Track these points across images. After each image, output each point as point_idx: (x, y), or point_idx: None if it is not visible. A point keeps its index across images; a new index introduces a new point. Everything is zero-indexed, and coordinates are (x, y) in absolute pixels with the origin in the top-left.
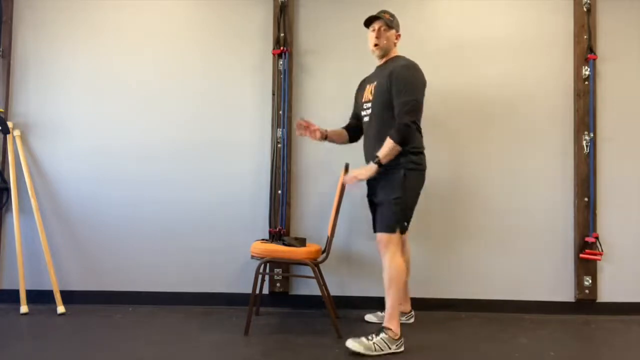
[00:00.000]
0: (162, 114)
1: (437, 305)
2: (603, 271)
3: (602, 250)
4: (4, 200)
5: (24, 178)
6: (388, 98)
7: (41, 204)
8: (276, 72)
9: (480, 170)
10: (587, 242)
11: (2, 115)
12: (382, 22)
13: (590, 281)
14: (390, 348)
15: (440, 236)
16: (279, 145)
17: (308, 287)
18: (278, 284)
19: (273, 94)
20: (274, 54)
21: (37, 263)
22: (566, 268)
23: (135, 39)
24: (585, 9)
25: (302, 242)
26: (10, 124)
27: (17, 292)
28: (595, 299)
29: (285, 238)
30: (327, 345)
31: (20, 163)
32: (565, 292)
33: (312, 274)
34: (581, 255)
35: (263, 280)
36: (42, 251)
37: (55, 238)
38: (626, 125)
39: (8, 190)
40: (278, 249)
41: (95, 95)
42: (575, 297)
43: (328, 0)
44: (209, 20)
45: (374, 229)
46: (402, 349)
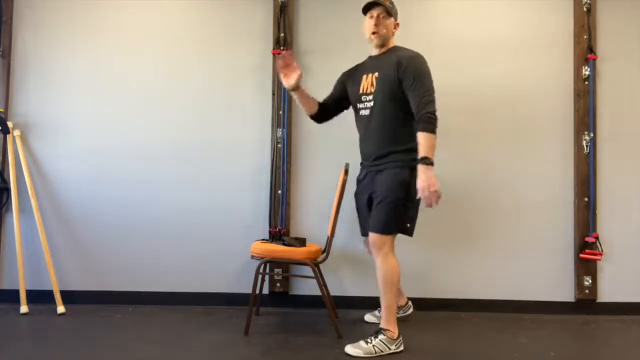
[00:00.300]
0: (162, 114)
1: (437, 305)
2: (603, 271)
3: (602, 250)
4: (4, 200)
5: (24, 178)
6: (395, 89)
7: (41, 204)
8: (276, 72)
9: (479, 170)
10: (587, 242)
11: (2, 115)
12: (382, 8)
13: (590, 281)
14: (390, 348)
15: (440, 236)
16: (279, 145)
17: (308, 287)
18: (278, 284)
19: (273, 94)
20: (274, 54)
21: (37, 263)
22: (566, 268)
23: (135, 39)
24: (585, 9)
25: (302, 242)
26: (10, 124)
27: (17, 292)
28: (595, 299)
29: (285, 238)
30: (327, 345)
31: (20, 163)
32: (565, 292)
33: (312, 274)
34: (581, 255)
35: (263, 280)
36: (42, 251)
37: (55, 238)
38: (626, 125)
39: (8, 190)
40: (278, 249)
41: (95, 95)
42: (575, 297)
43: (328, 0)
44: (209, 20)
45: (362, 231)
46: (402, 348)
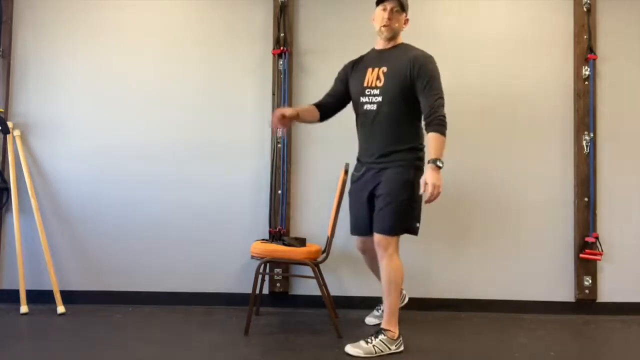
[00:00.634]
0: (162, 114)
1: (437, 305)
2: (603, 271)
3: (602, 250)
4: (4, 200)
5: (24, 178)
6: (407, 87)
7: (41, 204)
8: (276, 72)
9: (479, 170)
10: (587, 242)
11: (2, 115)
12: (396, 2)
13: (590, 281)
14: (390, 348)
15: (440, 236)
16: (279, 145)
17: (308, 287)
18: (278, 284)
19: (273, 94)
20: (274, 54)
21: (37, 263)
22: (566, 268)
23: (135, 39)
24: (585, 9)
25: (302, 242)
26: (10, 124)
27: (17, 292)
28: (595, 299)
29: (285, 238)
30: (327, 345)
31: (20, 163)
32: (565, 292)
33: (312, 274)
34: (581, 255)
35: (263, 280)
36: (42, 251)
37: (55, 238)
38: (626, 125)
39: (8, 190)
40: (278, 249)
41: (95, 95)
42: (575, 297)
43: (328, 0)
44: (209, 20)
45: (353, 230)
46: (402, 348)
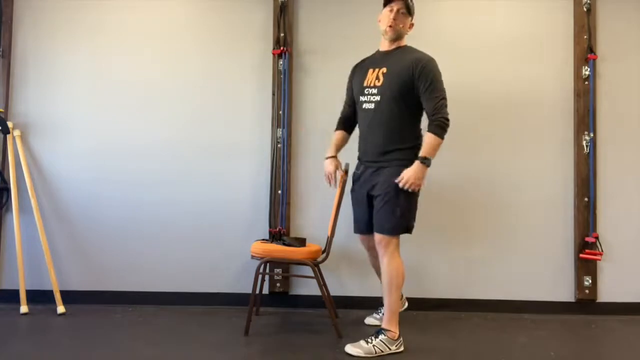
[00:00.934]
0: (162, 114)
1: (436, 305)
2: (603, 271)
3: (602, 250)
4: (4, 200)
5: (24, 178)
6: (407, 89)
7: (41, 204)
8: (276, 72)
9: (479, 170)
10: (587, 242)
11: (2, 115)
12: (402, 4)
13: (590, 281)
14: (390, 349)
15: (439, 236)
16: (279, 145)
17: (308, 287)
18: (278, 284)
19: (273, 94)
20: (274, 54)
21: (37, 263)
22: (566, 268)
23: (136, 38)
24: (585, 9)
25: (302, 242)
26: (10, 124)
27: (17, 292)
28: (595, 299)
29: (285, 238)
30: (327, 345)
31: (20, 163)
32: (565, 292)
33: (312, 274)
34: (581, 255)
35: (263, 280)
36: (42, 251)
37: (55, 238)
38: (626, 125)
39: (8, 190)
40: (278, 249)
41: (95, 95)
42: (575, 297)
43: (328, 0)
44: (209, 20)
45: (356, 229)
46: (402, 348)
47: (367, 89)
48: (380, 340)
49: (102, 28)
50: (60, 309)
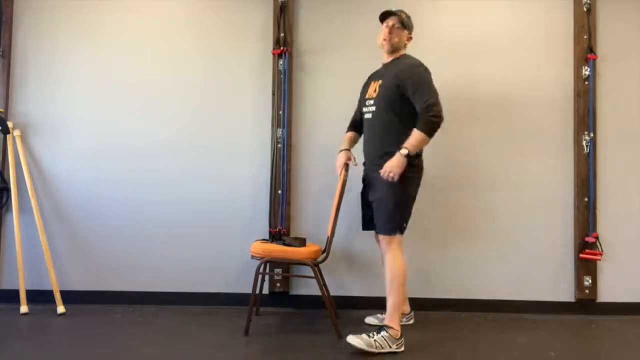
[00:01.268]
0: (162, 113)
1: (436, 305)
2: (603, 271)
3: (602, 250)
4: (4, 200)
5: (24, 178)
6: (393, 96)
7: (41, 204)
8: (276, 72)
9: (479, 170)
10: (587, 242)
11: (2, 115)
12: (397, 19)
13: (590, 281)
14: (390, 347)
15: (440, 236)
16: (279, 145)
17: (308, 287)
18: (278, 284)
19: (273, 94)
20: (274, 54)
21: (37, 263)
22: (566, 268)
23: (136, 38)
24: (585, 9)
25: (302, 242)
26: (10, 124)
27: (17, 292)
28: (595, 299)
29: (285, 238)
30: (327, 345)
31: (20, 163)
32: (565, 292)
33: (312, 274)
34: (581, 255)
35: (263, 280)
36: (42, 251)
37: (55, 238)
38: (626, 125)
39: (8, 190)
40: (278, 249)
41: (95, 95)
42: (575, 297)
43: (328, 0)
44: (209, 20)
45: (363, 226)
46: (402, 348)
47: (367, 101)
48: (382, 336)
49: (102, 28)
50: (60, 309)
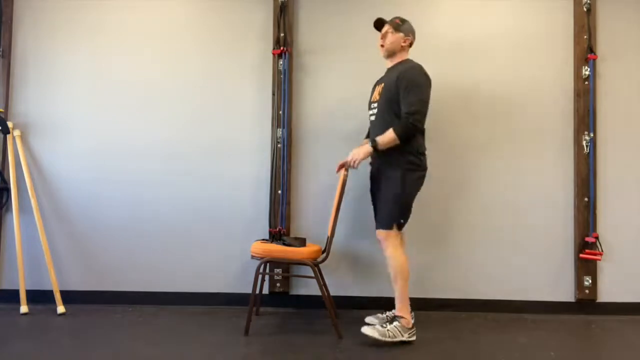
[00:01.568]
0: (162, 113)
1: (437, 305)
2: (603, 271)
3: (602, 250)
4: (4, 200)
5: (24, 178)
6: (392, 99)
7: (41, 204)
8: (276, 72)
9: (480, 170)
10: (587, 242)
11: (2, 115)
12: (389, 25)
13: (590, 281)
14: (402, 336)
15: (440, 236)
16: (279, 145)
17: (308, 287)
18: (278, 284)
19: (273, 94)
20: (274, 54)
21: (37, 263)
22: (566, 268)
23: (136, 38)
24: (585, 9)
25: (302, 242)
26: (10, 124)
27: (17, 292)
28: (595, 299)
29: (285, 238)
30: (327, 345)
31: (20, 163)
32: (565, 292)
33: (312, 274)
34: (581, 255)
35: (263, 280)
36: (42, 251)
37: (55, 238)
38: (626, 125)
39: (8, 190)
40: (278, 249)
41: (95, 95)
42: (575, 297)
43: (328, 0)
44: (209, 21)
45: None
46: (414, 337)
47: (372, 104)
48: (395, 326)
49: (102, 28)
50: (60, 309)
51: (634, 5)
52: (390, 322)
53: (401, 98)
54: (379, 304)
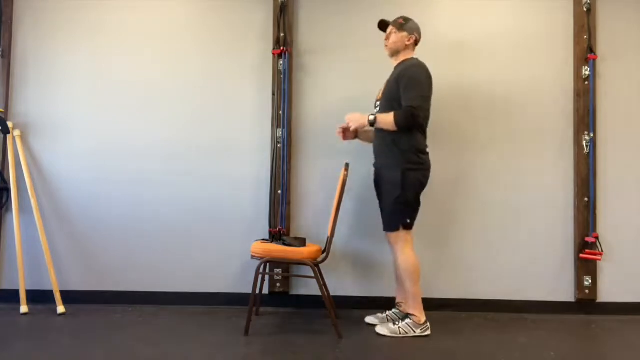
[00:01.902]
0: (162, 113)
1: (437, 305)
2: (603, 271)
3: (602, 250)
4: (4, 200)
5: (24, 178)
6: (394, 98)
7: (41, 204)
8: (276, 72)
9: (480, 170)
10: (587, 242)
11: (2, 115)
12: (392, 26)
13: (590, 281)
14: (414, 332)
15: (440, 236)
16: (279, 145)
17: (308, 287)
18: (278, 284)
19: (273, 94)
20: (274, 54)
21: (37, 263)
22: (566, 268)
23: (136, 38)
24: (585, 9)
25: (302, 242)
26: (10, 124)
27: (17, 292)
28: (595, 299)
29: (285, 238)
30: (327, 345)
31: (20, 163)
32: (565, 292)
33: (312, 274)
34: (581, 255)
35: (263, 280)
36: (42, 251)
37: (55, 238)
38: (626, 125)
39: (8, 190)
40: (278, 249)
41: (95, 95)
42: (575, 297)
43: (328, 0)
44: (209, 20)
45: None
46: (429, 332)
47: (377, 102)
48: (406, 323)
49: (102, 28)
50: (60, 309)
51: (634, 5)
52: (402, 319)
53: (402, 94)
54: (379, 304)
